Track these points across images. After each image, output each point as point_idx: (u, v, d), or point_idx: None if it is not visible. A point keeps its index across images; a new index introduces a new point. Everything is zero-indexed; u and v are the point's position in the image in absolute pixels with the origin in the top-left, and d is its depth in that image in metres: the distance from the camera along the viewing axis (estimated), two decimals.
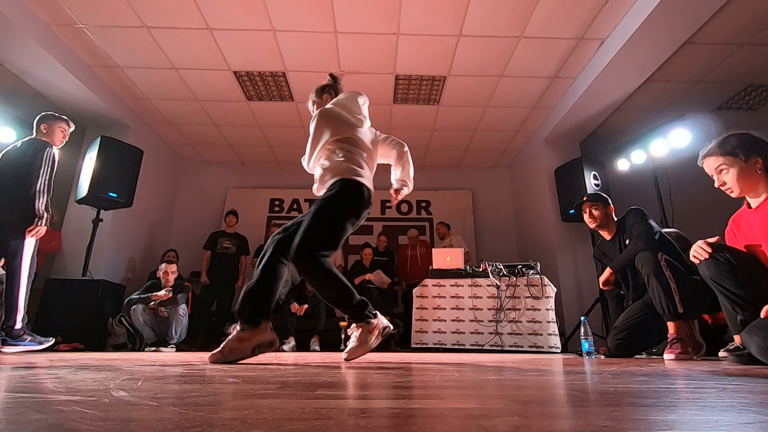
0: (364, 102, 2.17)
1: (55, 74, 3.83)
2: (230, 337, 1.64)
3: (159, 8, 3.36)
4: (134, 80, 4.33)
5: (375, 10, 3.35)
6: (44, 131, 2.88)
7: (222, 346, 1.62)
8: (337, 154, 1.91)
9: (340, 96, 2.18)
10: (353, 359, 1.81)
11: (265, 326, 1.72)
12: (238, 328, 1.66)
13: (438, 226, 5.47)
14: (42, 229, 2.72)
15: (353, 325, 1.87)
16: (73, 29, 3.60)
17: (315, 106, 2.26)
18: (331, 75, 2.36)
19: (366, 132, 2.12)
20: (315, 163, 2.02)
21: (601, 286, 2.74)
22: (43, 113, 2.93)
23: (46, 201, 2.77)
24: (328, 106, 2.08)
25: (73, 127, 3.05)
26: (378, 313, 1.89)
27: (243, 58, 3.97)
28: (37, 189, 2.71)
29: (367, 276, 4.82)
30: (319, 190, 1.94)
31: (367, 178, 1.92)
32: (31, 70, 3.80)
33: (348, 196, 1.80)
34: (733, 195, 1.74)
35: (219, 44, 3.77)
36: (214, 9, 3.36)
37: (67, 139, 3.02)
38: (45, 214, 2.74)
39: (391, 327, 1.92)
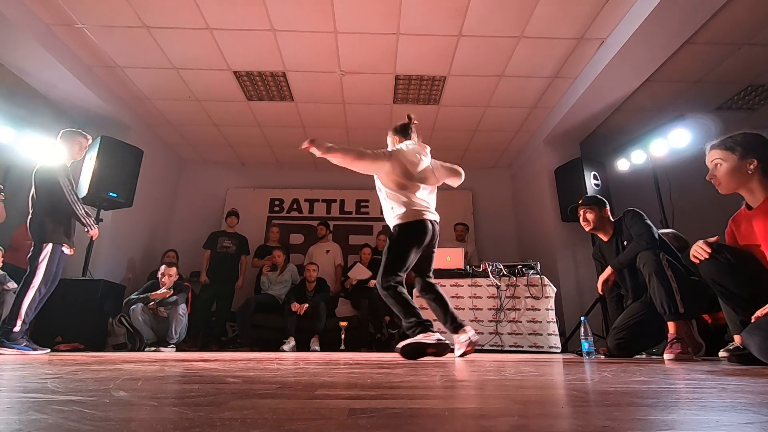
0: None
1: (55, 74, 3.83)
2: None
3: (159, 8, 3.36)
4: (134, 80, 4.33)
5: (375, 10, 3.35)
6: (64, 146, 3.16)
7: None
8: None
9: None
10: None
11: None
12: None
13: (458, 226, 5.45)
14: (95, 230, 3.15)
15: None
16: (73, 29, 3.60)
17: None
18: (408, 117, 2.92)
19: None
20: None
21: (599, 286, 2.71)
22: (63, 130, 3.20)
23: (82, 207, 3.08)
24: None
25: (90, 140, 3.32)
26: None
27: (243, 58, 3.97)
28: (71, 202, 3.01)
29: (349, 274, 4.83)
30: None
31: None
32: (31, 70, 3.80)
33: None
34: (720, 190, 1.76)
35: (219, 44, 3.77)
36: (214, 9, 3.36)
37: (86, 150, 3.33)
38: (89, 218, 3.10)
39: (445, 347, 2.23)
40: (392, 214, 2.42)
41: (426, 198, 2.48)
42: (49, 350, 2.99)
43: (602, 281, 2.69)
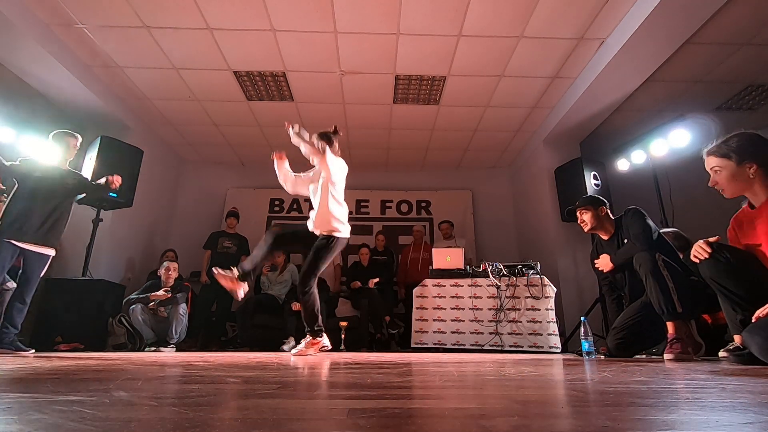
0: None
1: (55, 74, 3.83)
2: None
3: (159, 8, 3.36)
4: (134, 80, 4.33)
5: (375, 10, 3.35)
6: (57, 148, 3.15)
7: None
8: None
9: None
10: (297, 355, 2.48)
11: None
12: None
13: (443, 225, 5.45)
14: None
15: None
16: (73, 29, 3.60)
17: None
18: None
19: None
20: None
21: (596, 266, 2.74)
22: (55, 131, 3.20)
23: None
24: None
25: (80, 139, 3.30)
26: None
27: (243, 58, 3.97)
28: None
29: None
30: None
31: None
32: (31, 70, 3.80)
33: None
34: (725, 195, 1.78)
35: (219, 44, 3.77)
36: (214, 9, 3.36)
37: (77, 149, 3.29)
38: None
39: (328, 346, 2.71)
40: (332, 221, 2.75)
41: None
42: (33, 352, 2.89)
43: (600, 264, 2.70)
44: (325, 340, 2.65)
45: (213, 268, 2.56)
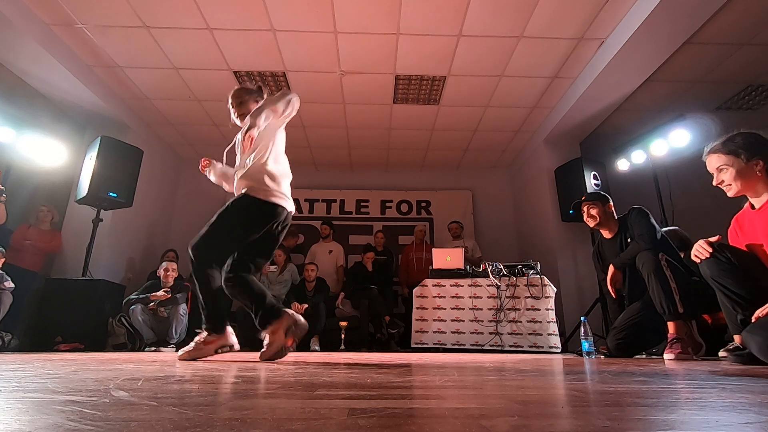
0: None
1: (55, 74, 3.83)
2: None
3: (159, 8, 3.36)
4: (134, 80, 4.33)
5: (375, 10, 3.35)
6: None
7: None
8: None
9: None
10: (181, 359, 1.93)
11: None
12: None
13: (452, 224, 5.44)
14: None
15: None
16: (73, 29, 3.60)
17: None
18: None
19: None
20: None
21: (609, 287, 2.67)
22: None
23: None
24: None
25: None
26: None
27: (243, 58, 3.96)
28: None
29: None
30: None
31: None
32: (31, 70, 3.80)
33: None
34: (729, 193, 1.75)
35: (219, 44, 3.77)
36: (214, 9, 3.36)
37: None
38: None
39: (234, 349, 2.01)
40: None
41: None
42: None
43: (611, 282, 2.66)
44: (231, 338, 1.99)
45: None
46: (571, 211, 2.98)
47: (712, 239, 1.75)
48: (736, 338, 1.74)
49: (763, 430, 0.46)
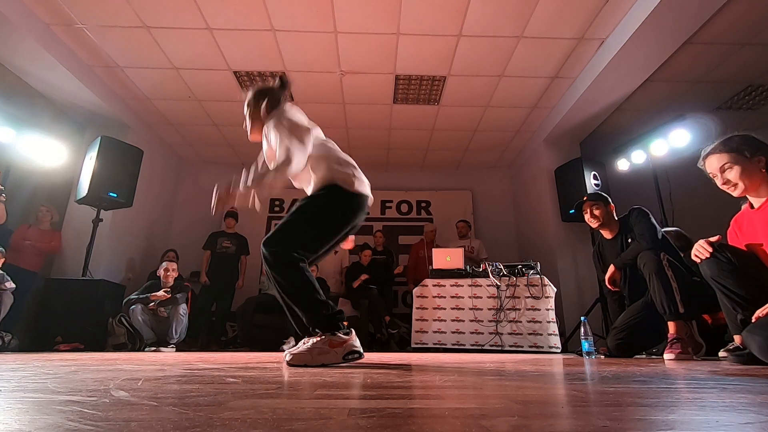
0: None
1: (55, 74, 3.83)
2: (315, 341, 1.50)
3: (159, 8, 3.36)
4: (134, 80, 4.33)
5: (375, 10, 3.35)
6: None
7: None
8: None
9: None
10: (294, 364, 1.48)
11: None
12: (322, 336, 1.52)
13: (460, 223, 5.42)
14: None
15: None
16: (73, 29, 3.60)
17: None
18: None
19: None
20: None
21: (608, 285, 2.72)
22: None
23: None
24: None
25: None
26: (353, 332, 1.59)
27: (243, 58, 3.96)
28: None
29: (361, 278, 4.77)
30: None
31: None
32: (31, 70, 3.80)
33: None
34: (735, 193, 1.73)
35: (219, 44, 3.77)
36: (214, 9, 3.36)
37: None
38: None
39: (360, 355, 1.56)
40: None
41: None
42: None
43: (609, 278, 2.69)
44: (352, 341, 1.56)
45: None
46: (572, 211, 2.99)
47: (713, 239, 1.75)
48: (736, 338, 1.74)
49: (763, 430, 0.46)
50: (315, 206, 1.69)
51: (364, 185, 1.77)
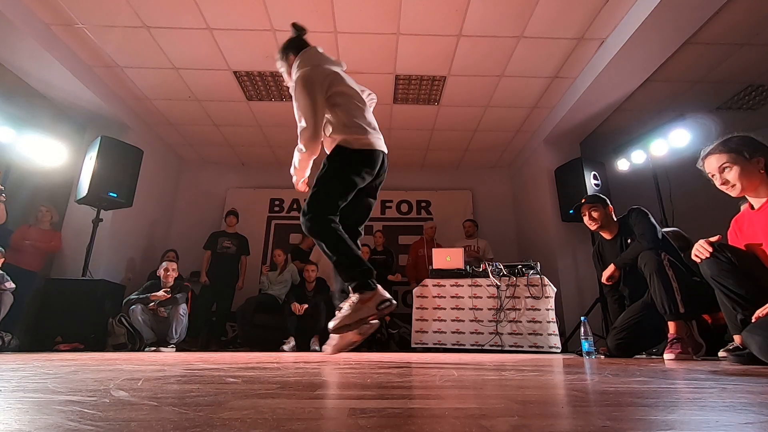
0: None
1: (55, 74, 3.83)
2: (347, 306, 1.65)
3: (159, 8, 3.36)
4: (134, 80, 4.33)
5: (375, 10, 3.35)
6: None
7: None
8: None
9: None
10: (337, 327, 1.63)
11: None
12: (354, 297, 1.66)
13: (467, 223, 5.41)
14: None
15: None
16: (73, 29, 3.60)
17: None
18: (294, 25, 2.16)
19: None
20: None
21: (604, 281, 2.74)
22: None
23: None
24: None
25: None
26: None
27: (243, 58, 3.96)
28: None
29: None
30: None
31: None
32: (31, 70, 3.80)
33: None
34: (733, 193, 1.73)
35: (219, 44, 3.77)
36: (214, 9, 3.36)
37: None
38: None
39: (390, 302, 1.67)
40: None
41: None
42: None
43: (606, 277, 2.69)
44: (381, 292, 1.68)
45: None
46: (571, 211, 2.99)
47: (713, 239, 1.75)
48: (736, 338, 1.74)
49: (763, 430, 0.46)
50: (329, 170, 1.82)
51: (372, 143, 1.89)
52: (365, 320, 1.63)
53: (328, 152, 1.91)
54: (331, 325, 1.64)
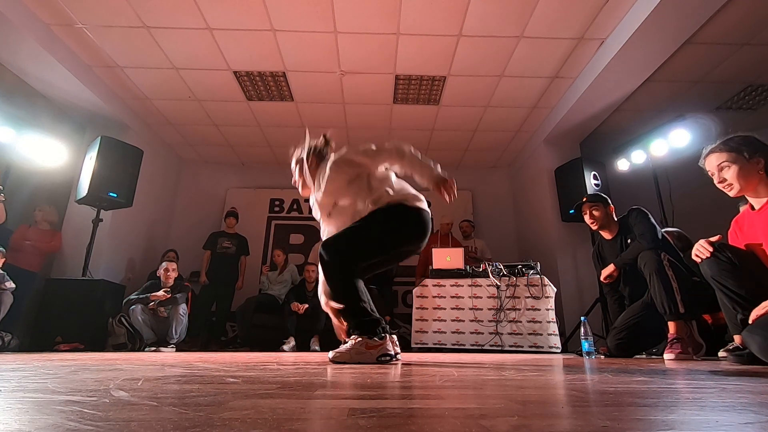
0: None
1: (55, 74, 3.83)
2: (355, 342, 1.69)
3: (159, 8, 3.36)
4: (134, 80, 4.33)
5: (375, 10, 3.35)
6: None
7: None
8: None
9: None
10: (336, 361, 1.65)
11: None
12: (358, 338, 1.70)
13: (463, 223, 5.40)
14: None
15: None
16: (73, 29, 3.60)
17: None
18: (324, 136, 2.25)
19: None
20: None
21: (602, 280, 2.74)
22: None
23: None
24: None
25: None
26: (388, 337, 1.76)
27: (243, 58, 3.96)
28: None
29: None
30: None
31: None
32: (31, 70, 3.80)
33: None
34: (731, 193, 1.74)
35: (219, 44, 3.77)
36: (214, 9, 3.36)
37: None
38: None
39: (392, 358, 1.74)
40: None
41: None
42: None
43: (605, 276, 2.69)
44: (386, 345, 1.71)
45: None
46: (571, 211, 2.99)
47: (713, 239, 1.75)
48: (736, 338, 1.74)
49: (763, 430, 0.46)
50: (379, 222, 1.90)
51: (422, 203, 2.06)
52: (361, 363, 1.62)
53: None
54: (330, 355, 1.69)
